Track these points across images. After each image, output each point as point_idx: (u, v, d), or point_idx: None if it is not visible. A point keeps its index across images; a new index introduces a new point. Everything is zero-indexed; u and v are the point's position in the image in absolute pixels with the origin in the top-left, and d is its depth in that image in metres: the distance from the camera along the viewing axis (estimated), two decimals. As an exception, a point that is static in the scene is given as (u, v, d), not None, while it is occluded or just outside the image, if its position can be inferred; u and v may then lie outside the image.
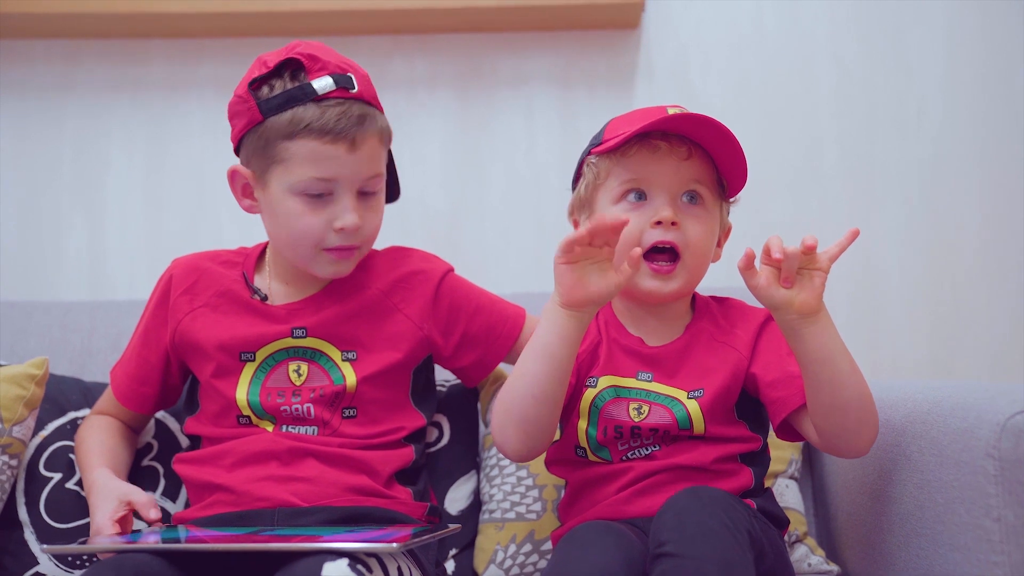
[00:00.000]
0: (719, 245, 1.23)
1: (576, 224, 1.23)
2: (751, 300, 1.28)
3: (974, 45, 1.81)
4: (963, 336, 1.79)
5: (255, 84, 1.19)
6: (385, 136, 1.22)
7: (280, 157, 1.18)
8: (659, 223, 1.14)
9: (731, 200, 1.23)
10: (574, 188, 1.24)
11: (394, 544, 0.98)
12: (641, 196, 1.16)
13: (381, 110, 1.23)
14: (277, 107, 1.17)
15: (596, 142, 1.21)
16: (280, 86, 1.18)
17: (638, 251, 1.06)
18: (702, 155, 1.17)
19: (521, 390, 1.10)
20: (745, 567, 0.95)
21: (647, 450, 1.16)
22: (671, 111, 1.17)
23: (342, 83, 1.18)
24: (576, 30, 1.80)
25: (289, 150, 1.17)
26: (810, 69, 1.81)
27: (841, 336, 1.08)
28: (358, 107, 1.18)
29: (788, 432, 1.17)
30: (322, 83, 1.17)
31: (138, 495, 1.18)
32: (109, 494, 1.18)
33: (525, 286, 1.70)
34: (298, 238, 1.21)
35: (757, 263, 1.05)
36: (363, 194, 1.21)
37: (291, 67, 1.18)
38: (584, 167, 1.22)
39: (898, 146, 1.80)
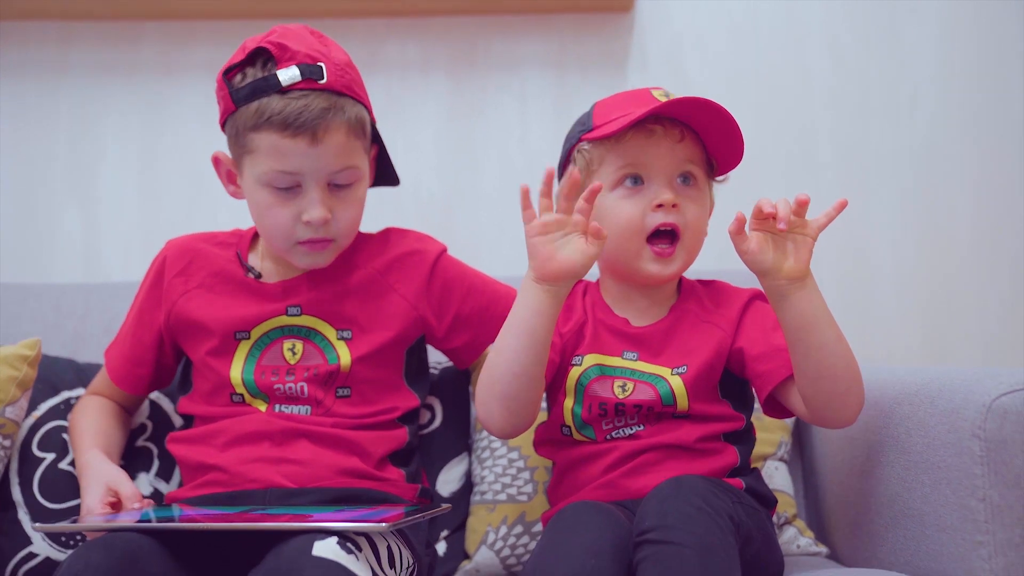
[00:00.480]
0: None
1: None
2: (736, 283, 1.28)
3: (967, 33, 1.81)
4: (956, 323, 1.80)
5: (230, 72, 1.18)
6: (356, 127, 1.19)
7: (249, 147, 1.18)
8: (660, 206, 1.15)
9: (720, 179, 1.24)
10: (561, 174, 1.24)
11: (383, 524, 0.99)
12: (638, 180, 1.17)
13: (359, 98, 1.21)
14: (245, 97, 1.16)
15: (586, 128, 1.20)
16: (251, 75, 1.17)
17: (596, 225, 1.06)
18: (692, 136, 1.18)
19: (501, 367, 1.10)
20: (726, 550, 0.96)
21: (631, 429, 1.17)
22: (655, 93, 1.18)
23: (309, 74, 1.16)
24: (568, 13, 1.79)
25: (254, 141, 1.17)
26: (803, 57, 1.81)
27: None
28: (324, 99, 1.16)
29: (775, 408, 1.17)
30: (288, 74, 1.15)
31: (125, 487, 1.17)
32: (99, 478, 1.18)
33: (518, 270, 1.70)
34: (270, 229, 1.21)
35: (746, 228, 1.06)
36: (335, 187, 1.20)
37: (263, 56, 1.18)
38: (575, 153, 1.21)
39: (891, 134, 1.80)
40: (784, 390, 1.14)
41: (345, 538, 0.99)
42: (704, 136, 1.19)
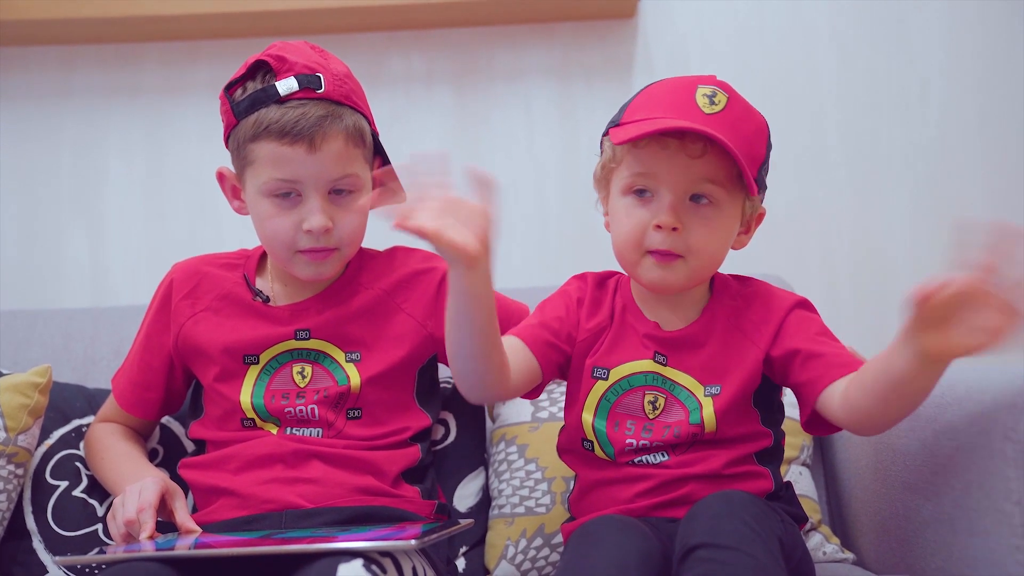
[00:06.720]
0: (748, 232, 1.17)
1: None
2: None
3: (974, 26, 1.80)
4: (971, 319, 1.78)
5: (231, 87, 1.20)
6: (354, 135, 1.19)
7: (250, 159, 1.19)
8: (659, 227, 1.10)
9: (754, 196, 1.14)
10: (600, 155, 1.19)
11: (412, 541, 0.97)
12: (645, 192, 1.12)
13: (359, 108, 1.21)
14: (245, 110, 1.18)
15: (614, 122, 1.15)
16: (251, 88, 1.18)
17: (479, 173, 0.98)
18: (719, 151, 1.09)
19: (449, 349, 1.08)
20: (779, 574, 0.93)
21: (657, 458, 1.13)
22: (699, 93, 1.10)
23: (307, 83, 1.17)
24: (571, 21, 1.78)
25: (254, 152, 1.18)
26: (811, 56, 1.80)
27: (849, 322, 1.05)
28: (321, 107, 1.16)
29: (816, 424, 1.12)
30: (286, 85, 1.17)
31: (180, 496, 1.18)
32: (158, 475, 1.20)
33: (527, 281, 1.69)
34: (271, 240, 1.21)
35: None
36: (336, 195, 1.20)
37: (262, 69, 1.19)
38: (603, 142, 1.17)
39: (901, 130, 1.79)
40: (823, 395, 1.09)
41: (370, 560, 0.98)
42: (735, 154, 1.08)
